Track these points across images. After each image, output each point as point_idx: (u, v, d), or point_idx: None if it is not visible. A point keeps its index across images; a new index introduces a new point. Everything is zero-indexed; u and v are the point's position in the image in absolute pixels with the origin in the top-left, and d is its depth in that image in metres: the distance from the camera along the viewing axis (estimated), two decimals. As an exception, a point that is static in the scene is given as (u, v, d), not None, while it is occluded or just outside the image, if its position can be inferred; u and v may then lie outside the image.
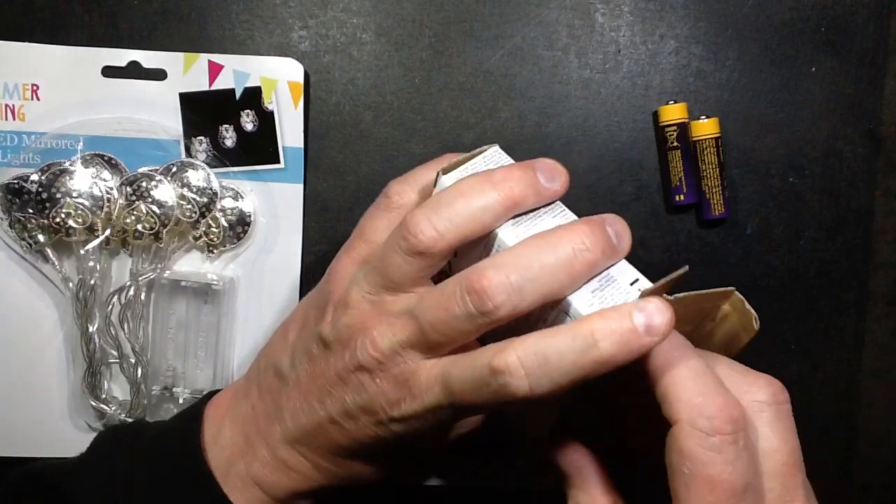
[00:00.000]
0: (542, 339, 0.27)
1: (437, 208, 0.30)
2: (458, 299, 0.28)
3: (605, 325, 0.26)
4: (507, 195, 0.30)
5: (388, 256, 0.31)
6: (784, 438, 0.28)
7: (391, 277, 0.31)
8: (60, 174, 0.42)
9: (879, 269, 0.47)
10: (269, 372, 0.36)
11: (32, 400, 0.44)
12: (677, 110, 0.44)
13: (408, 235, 0.30)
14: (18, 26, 0.43)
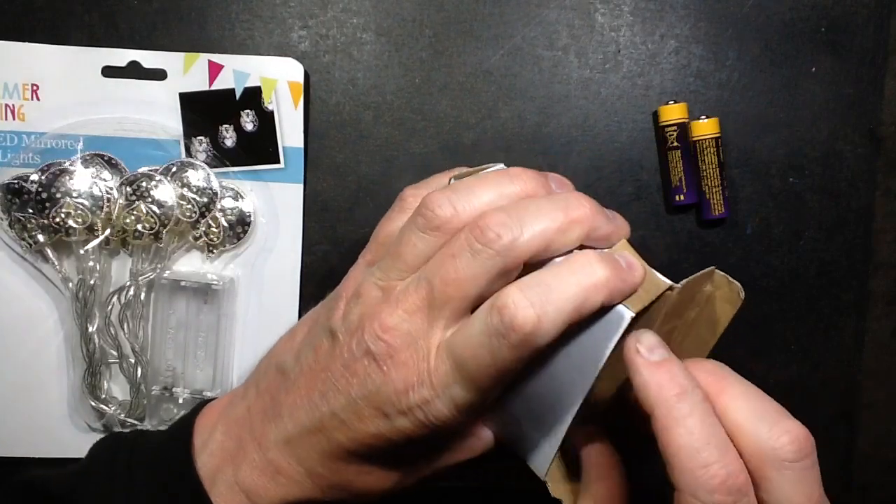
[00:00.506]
0: (539, 274, 0.29)
1: (457, 190, 0.31)
2: (462, 242, 0.30)
3: (595, 256, 0.29)
4: (523, 188, 0.32)
5: (404, 237, 0.32)
6: (808, 495, 0.28)
7: (404, 258, 0.31)
8: (60, 174, 0.42)
9: (879, 269, 0.47)
10: (271, 371, 0.35)
11: (32, 400, 0.44)
12: (677, 110, 0.44)
13: (425, 211, 0.31)
14: (18, 26, 0.43)
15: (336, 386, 0.32)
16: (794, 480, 0.27)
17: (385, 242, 0.34)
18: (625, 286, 0.30)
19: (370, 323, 0.31)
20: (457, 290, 0.30)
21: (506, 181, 0.32)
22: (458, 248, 0.30)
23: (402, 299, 0.31)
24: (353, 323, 0.32)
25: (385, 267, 0.32)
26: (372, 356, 0.31)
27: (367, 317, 0.31)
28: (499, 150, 0.45)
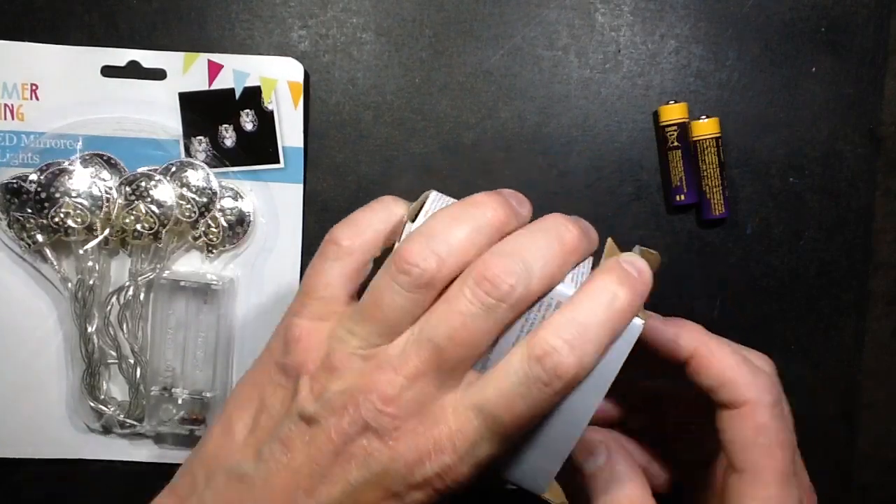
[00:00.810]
0: (568, 312, 0.28)
1: (432, 235, 0.28)
2: (469, 297, 0.27)
3: (610, 278, 0.28)
4: (494, 216, 0.29)
5: (382, 298, 0.28)
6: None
7: (389, 321, 0.28)
8: (59, 174, 0.42)
9: (879, 269, 0.47)
10: (219, 480, 0.30)
11: (31, 400, 0.44)
12: (677, 110, 0.44)
13: (408, 267, 0.28)
14: (18, 26, 0.43)
15: (328, 477, 0.28)
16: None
17: (323, 296, 0.30)
18: (643, 298, 0.29)
19: (365, 397, 0.28)
20: (469, 348, 0.28)
21: (475, 211, 0.29)
22: (466, 304, 0.27)
23: (401, 364, 0.28)
24: (337, 401, 0.28)
25: (363, 332, 0.28)
26: (373, 433, 0.28)
27: (357, 391, 0.28)
28: (499, 150, 0.45)
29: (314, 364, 0.29)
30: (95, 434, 0.44)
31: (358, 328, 0.29)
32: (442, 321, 0.27)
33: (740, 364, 0.32)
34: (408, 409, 0.28)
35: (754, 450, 0.31)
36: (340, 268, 0.30)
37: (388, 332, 0.28)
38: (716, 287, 0.46)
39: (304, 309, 0.31)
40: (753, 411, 0.31)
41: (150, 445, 0.45)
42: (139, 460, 0.45)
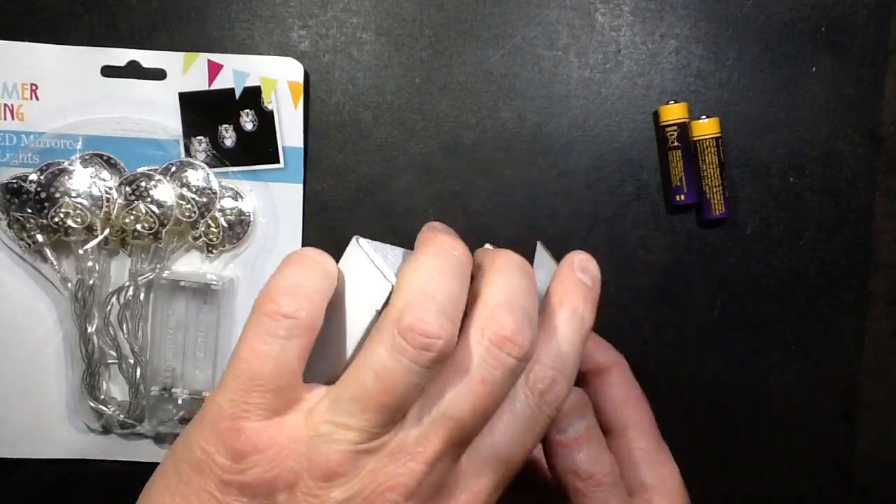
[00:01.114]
0: (552, 343, 0.27)
1: (436, 296, 0.25)
2: (494, 362, 0.25)
3: (575, 300, 0.28)
4: (462, 255, 0.27)
5: (393, 379, 0.24)
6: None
7: (399, 405, 0.24)
8: (59, 174, 0.42)
9: (879, 269, 0.47)
10: None
11: (31, 400, 0.44)
12: (677, 110, 0.44)
13: (429, 342, 0.24)
14: (18, 26, 0.43)
15: None
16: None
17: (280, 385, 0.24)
18: (596, 304, 0.30)
19: (382, 497, 0.24)
20: (489, 413, 0.26)
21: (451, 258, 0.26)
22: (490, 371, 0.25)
23: (420, 450, 0.24)
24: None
25: (364, 423, 0.24)
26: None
27: (371, 493, 0.24)
28: (499, 150, 0.45)
29: (294, 474, 0.24)
30: (95, 434, 0.44)
31: (357, 420, 0.24)
32: (464, 394, 0.25)
33: (597, 338, 0.35)
34: (426, 496, 0.25)
35: (629, 405, 0.34)
36: (296, 347, 0.25)
37: (395, 417, 0.25)
38: (716, 287, 0.46)
39: (250, 406, 0.24)
40: (619, 373, 0.35)
41: (150, 445, 0.45)
42: (139, 460, 0.44)
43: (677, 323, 0.46)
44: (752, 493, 0.47)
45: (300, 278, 0.26)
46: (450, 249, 0.26)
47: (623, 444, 0.34)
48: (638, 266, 0.46)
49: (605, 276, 0.45)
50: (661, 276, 0.46)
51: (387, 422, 0.24)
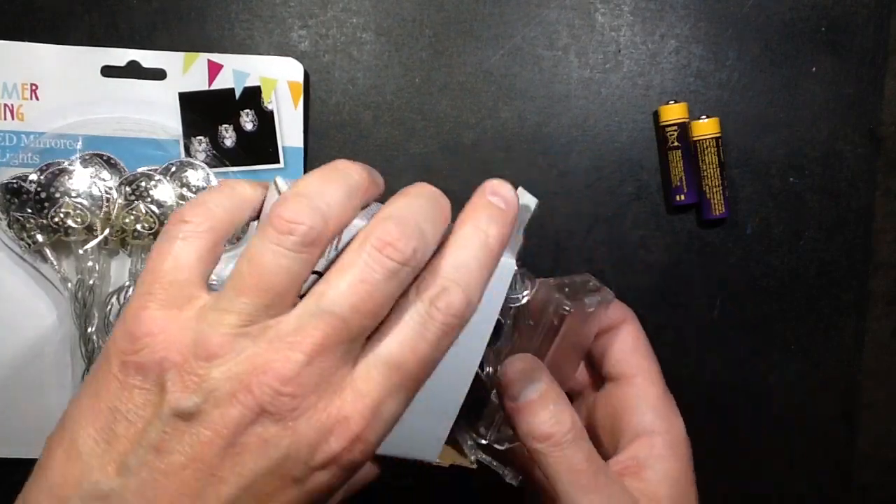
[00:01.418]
0: (449, 258, 0.28)
1: (309, 194, 0.27)
2: (372, 264, 0.26)
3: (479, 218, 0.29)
4: (360, 179, 0.28)
5: (262, 263, 0.26)
6: None
7: (273, 290, 0.26)
8: (59, 174, 0.42)
9: (879, 269, 0.47)
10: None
11: (30, 400, 0.44)
12: (677, 110, 0.44)
13: (292, 226, 0.26)
14: (18, 25, 0.43)
15: (217, 476, 0.25)
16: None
17: (177, 280, 0.27)
18: (513, 225, 0.30)
19: (258, 379, 0.25)
20: (374, 317, 0.26)
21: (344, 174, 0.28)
22: (369, 272, 0.26)
23: (299, 340, 0.25)
24: (223, 389, 0.25)
25: (242, 307, 0.26)
26: (269, 417, 0.25)
27: (247, 374, 0.25)
28: (499, 150, 0.45)
29: (181, 355, 0.26)
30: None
31: (234, 304, 0.26)
32: (343, 291, 0.26)
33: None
34: (307, 387, 0.26)
35: (636, 355, 0.36)
36: (192, 248, 0.28)
37: (273, 304, 0.26)
38: (716, 287, 0.46)
39: (151, 297, 0.27)
40: (630, 327, 0.36)
41: (150, 445, 0.45)
42: (139, 460, 0.44)
43: (677, 323, 0.46)
44: (752, 493, 0.47)
45: (207, 196, 0.29)
46: (342, 168, 0.28)
47: (630, 391, 0.36)
48: (638, 266, 0.46)
49: (605, 276, 0.45)
50: (661, 276, 0.46)
51: (264, 306, 0.26)
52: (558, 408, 0.33)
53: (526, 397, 0.33)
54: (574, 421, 0.33)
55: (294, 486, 0.26)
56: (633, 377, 0.36)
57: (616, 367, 0.36)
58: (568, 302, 0.33)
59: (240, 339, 0.26)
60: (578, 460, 0.32)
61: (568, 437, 0.32)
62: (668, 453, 0.34)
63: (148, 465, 0.25)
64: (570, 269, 0.45)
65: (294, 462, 0.26)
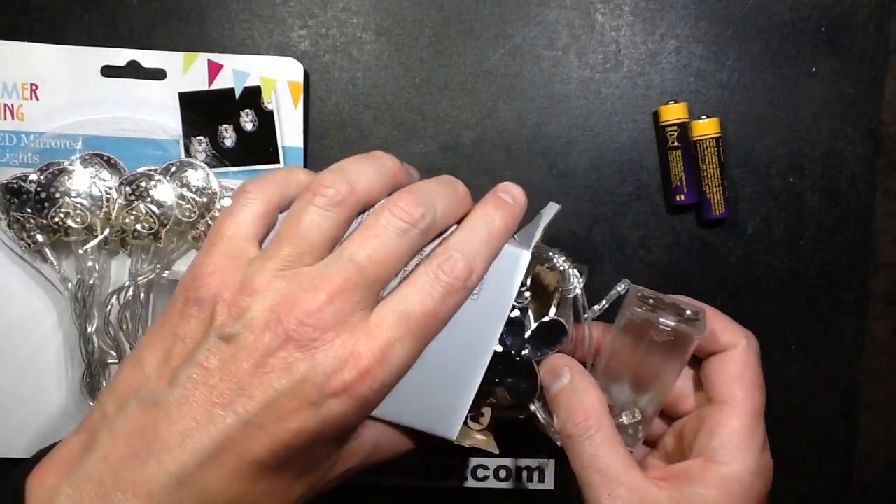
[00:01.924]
0: (457, 235, 0.33)
1: (343, 168, 0.33)
2: (384, 223, 0.32)
3: (487, 206, 0.34)
4: (393, 165, 0.34)
5: (299, 218, 0.32)
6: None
7: (307, 241, 0.31)
8: (59, 174, 0.42)
9: (879, 269, 0.47)
10: (130, 408, 0.30)
11: (30, 400, 0.44)
12: (678, 110, 0.44)
13: (323, 189, 0.32)
14: (17, 25, 0.43)
15: (246, 390, 0.29)
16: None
17: (235, 234, 0.33)
18: (519, 218, 0.35)
19: (287, 311, 0.30)
20: (386, 267, 0.31)
21: (378, 159, 0.34)
22: (382, 229, 0.31)
23: (322, 283, 0.30)
24: (259, 319, 0.30)
25: (283, 254, 0.31)
26: (294, 344, 0.30)
27: (279, 307, 0.30)
28: (499, 150, 0.45)
29: (231, 292, 0.31)
30: None
31: (276, 251, 0.31)
32: (361, 244, 0.31)
33: (727, 318, 0.37)
34: (328, 322, 0.30)
35: (736, 383, 0.36)
36: (249, 211, 0.33)
37: (308, 252, 0.31)
38: (716, 287, 0.46)
39: (213, 248, 0.32)
40: (742, 352, 0.36)
41: (150, 445, 0.44)
42: (139, 460, 0.44)
43: (677, 323, 0.46)
44: (752, 493, 0.47)
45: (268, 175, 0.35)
46: (377, 155, 0.34)
47: (712, 415, 0.36)
48: (638, 266, 0.46)
49: (606, 276, 0.45)
50: (661, 276, 0.46)
51: (298, 253, 0.31)
52: (584, 395, 0.35)
53: (556, 388, 0.36)
54: (590, 416, 0.34)
55: (311, 409, 0.30)
56: (722, 404, 0.35)
57: (711, 391, 0.36)
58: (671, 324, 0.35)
59: (277, 279, 0.31)
60: (593, 454, 0.34)
61: (589, 421, 0.34)
62: (717, 483, 0.34)
63: (192, 378, 0.30)
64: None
65: (311, 385, 0.30)
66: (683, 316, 0.35)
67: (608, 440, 0.34)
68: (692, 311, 0.36)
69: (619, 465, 0.33)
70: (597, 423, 0.34)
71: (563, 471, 0.46)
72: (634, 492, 0.33)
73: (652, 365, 0.36)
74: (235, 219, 0.33)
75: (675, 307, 0.36)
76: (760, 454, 0.35)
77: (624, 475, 0.33)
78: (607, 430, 0.34)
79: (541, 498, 0.46)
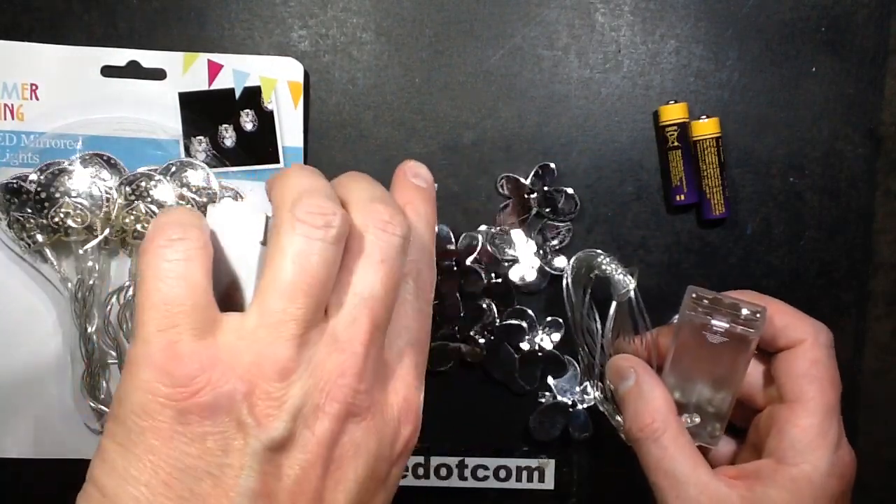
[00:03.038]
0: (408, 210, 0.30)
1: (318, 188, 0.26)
2: (383, 244, 0.26)
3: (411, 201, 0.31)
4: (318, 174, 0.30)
5: (313, 263, 0.25)
6: None
7: (322, 287, 0.25)
8: (59, 174, 0.42)
9: (879, 269, 0.47)
10: None
11: (30, 400, 0.44)
12: (678, 110, 0.44)
13: (329, 218, 0.25)
14: (17, 25, 0.43)
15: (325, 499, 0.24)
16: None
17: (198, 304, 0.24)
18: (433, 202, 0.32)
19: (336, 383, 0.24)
20: (396, 293, 0.27)
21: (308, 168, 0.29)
22: (384, 250, 0.26)
23: (353, 335, 0.25)
24: (309, 403, 0.24)
25: (300, 312, 0.24)
26: (354, 420, 0.25)
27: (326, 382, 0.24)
28: (499, 150, 0.45)
29: (247, 382, 0.23)
30: (95, 434, 0.44)
31: (289, 311, 0.24)
32: (371, 274, 0.26)
33: (797, 313, 0.36)
34: (371, 379, 0.25)
35: (805, 380, 0.34)
36: (199, 266, 0.25)
37: (322, 302, 0.25)
38: (716, 287, 0.46)
39: (179, 329, 0.24)
40: (810, 348, 0.35)
41: (149, 445, 0.44)
42: (139, 460, 0.44)
43: (677, 323, 0.46)
44: (752, 493, 0.47)
45: (174, 217, 0.26)
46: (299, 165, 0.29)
47: (783, 414, 0.35)
48: (638, 266, 0.46)
49: (605, 276, 0.45)
50: (661, 276, 0.46)
51: (317, 306, 0.25)
52: (649, 399, 0.35)
53: (623, 389, 0.36)
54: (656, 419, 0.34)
55: (382, 489, 0.26)
56: (791, 403, 0.35)
57: (780, 389, 0.36)
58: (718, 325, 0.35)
59: (305, 347, 0.24)
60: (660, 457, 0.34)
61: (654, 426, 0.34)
62: (787, 485, 0.33)
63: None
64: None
65: (382, 461, 0.25)
66: (740, 316, 0.35)
67: (675, 441, 0.34)
68: (751, 310, 0.35)
69: (686, 466, 0.33)
70: (663, 425, 0.34)
71: (562, 471, 0.46)
72: (704, 491, 0.33)
73: (715, 364, 0.36)
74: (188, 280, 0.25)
75: (732, 307, 0.36)
76: (833, 453, 0.34)
77: (693, 476, 0.33)
78: (674, 432, 0.34)
79: (541, 498, 0.46)
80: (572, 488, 0.46)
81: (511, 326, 0.44)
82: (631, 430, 0.35)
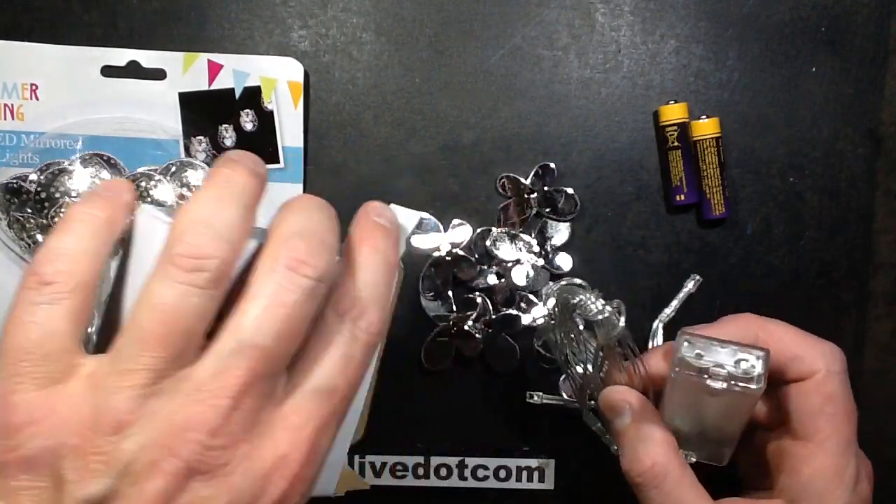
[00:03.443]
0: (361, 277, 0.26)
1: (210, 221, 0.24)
2: (289, 285, 0.23)
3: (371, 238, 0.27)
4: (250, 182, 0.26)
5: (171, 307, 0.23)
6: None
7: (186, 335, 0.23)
8: (59, 174, 0.42)
9: (879, 269, 0.47)
10: None
11: (31, 401, 0.44)
12: (678, 110, 0.44)
13: (202, 262, 0.23)
14: (17, 25, 0.43)
15: None
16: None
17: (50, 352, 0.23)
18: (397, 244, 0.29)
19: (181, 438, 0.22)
20: (295, 341, 0.24)
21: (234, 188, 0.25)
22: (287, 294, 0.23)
23: (221, 385, 0.23)
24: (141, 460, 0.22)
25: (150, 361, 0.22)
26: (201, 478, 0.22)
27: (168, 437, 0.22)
28: (499, 150, 0.45)
29: (79, 436, 0.22)
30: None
31: (139, 360, 0.22)
32: (263, 320, 0.23)
33: (804, 338, 0.34)
34: (237, 434, 0.23)
35: (820, 419, 0.32)
36: (62, 311, 0.24)
37: (185, 352, 0.23)
38: (716, 287, 0.46)
39: (20, 378, 0.23)
40: (823, 381, 0.32)
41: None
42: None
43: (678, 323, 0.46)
44: (752, 493, 0.47)
45: (63, 242, 0.25)
46: (229, 177, 0.25)
47: (795, 450, 0.33)
48: (638, 266, 0.46)
49: (605, 276, 0.45)
50: (661, 276, 0.46)
51: (175, 356, 0.23)
52: (637, 450, 0.33)
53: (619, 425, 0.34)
54: (656, 464, 0.32)
55: None
56: (805, 441, 0.33)
57: (793, 424, 0.33)
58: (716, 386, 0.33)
59: (151, 399, 0.22)
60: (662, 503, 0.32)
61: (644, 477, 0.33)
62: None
63: None
64: (572, 271, 0.45)
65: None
66: (738, 369, 0.32)
67: (678, 485, 0.32)
68: (752, 355, 0.32)
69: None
70: (663, 470, 0.32)
71: (563, 471, 0.46)
72: None
73: (714, 409, 0.34)
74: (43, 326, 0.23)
75: (730, 353, 0.33)
76: (851, 492, 0.32)
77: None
78: (676, 475, 0.32)
79: (541, 498, 0.46)
80: (572, 488, 0.46)
81: (507, 317, 0.44)
82: (629, 474, 0.33)
